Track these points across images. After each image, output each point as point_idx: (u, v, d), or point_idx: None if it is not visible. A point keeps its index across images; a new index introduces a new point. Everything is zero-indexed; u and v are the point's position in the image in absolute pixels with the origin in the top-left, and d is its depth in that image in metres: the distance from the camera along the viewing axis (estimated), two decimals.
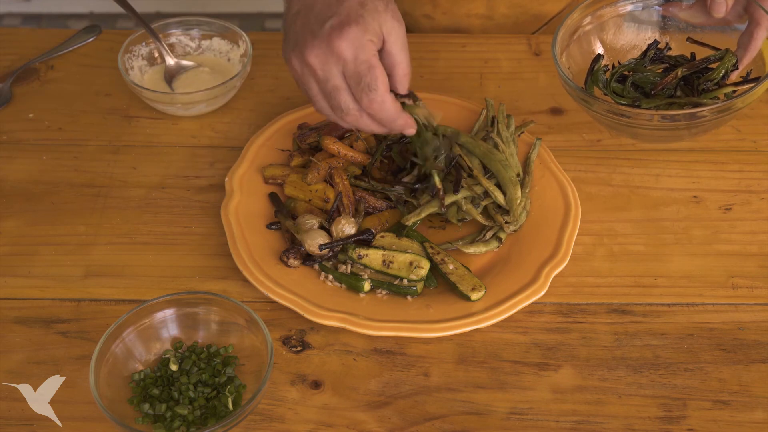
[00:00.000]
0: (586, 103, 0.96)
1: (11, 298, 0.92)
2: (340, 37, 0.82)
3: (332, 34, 0.83)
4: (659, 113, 0.93)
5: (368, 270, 0.92)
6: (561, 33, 1.01)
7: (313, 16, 0.85)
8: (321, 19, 0.84)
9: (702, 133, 0.99)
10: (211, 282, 0.93)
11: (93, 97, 1.14)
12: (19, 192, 1.02)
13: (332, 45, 0.83)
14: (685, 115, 0.92)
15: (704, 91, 0.96)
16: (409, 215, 0.95)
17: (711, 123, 0.93)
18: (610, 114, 0.94)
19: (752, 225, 0.98)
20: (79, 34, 1.22)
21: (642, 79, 0.99)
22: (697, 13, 1.00)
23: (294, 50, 0.86)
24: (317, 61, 0.84)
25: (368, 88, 0.83)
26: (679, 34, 1.03)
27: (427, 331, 0.86)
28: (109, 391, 0.81)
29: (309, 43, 0.84)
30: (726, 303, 0.91)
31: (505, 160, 0.97)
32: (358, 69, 0.83)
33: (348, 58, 0.83)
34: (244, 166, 1.01)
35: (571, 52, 1.03)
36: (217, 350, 0.85)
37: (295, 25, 0.86)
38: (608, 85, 1.01)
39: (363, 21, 0.83)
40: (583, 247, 0.96)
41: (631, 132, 0.98)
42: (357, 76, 0.83)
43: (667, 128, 0.94)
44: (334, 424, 0.82)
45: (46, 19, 2.71)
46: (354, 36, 0.82)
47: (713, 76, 0.96)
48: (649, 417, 0.82)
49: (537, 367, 0.86)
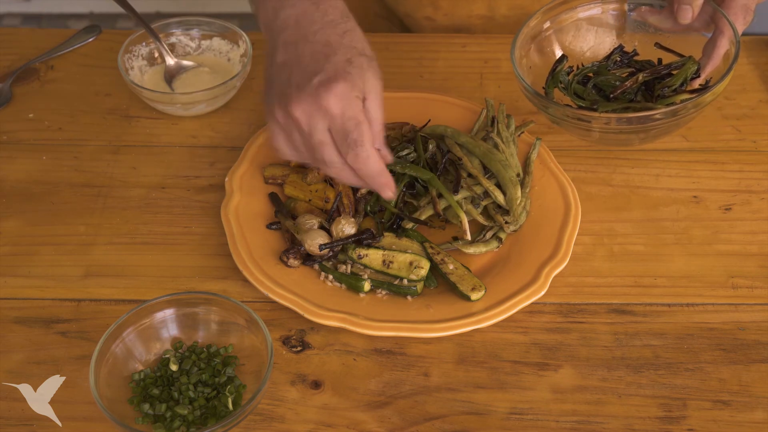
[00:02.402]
0: (542, 104, 0.96)
1: (11, 298, 0.92)
2: (328, 93, 0.82)
3: (320, 89, 0.82)
4: (607, 116, 0.93)
5: (368, 270, 0.92)
6: (521, 38, 1.01)
7: (300, 70, 0.84)
8: (308, 73, 0.84)
9: (652, 139, 0.99)
10: (211, 282, 0.93)
11: (93, 97, 1.14)
12: (19, 192, 1.02)
13: (320, 100, 0.82)
14: (637, 118, 0.92)
15: (660, 96, 0.96)
16: (408, 219, 0.95)
17: (662, 129, 0.94)
18: (566, 117, 0.94)
19: (752, 225, 0.98)
20: (79, 34, 1.22)
21: (604, 81, 0.99)
22: (665, 19, 1.00)
23: (279, 102, 0.85)
24: (303, 116, 0.84)
25: (355, 143, 0.83)
26: (648, 38, 1.03)
27: (427, 331, 0.86)
28: (109, 391, 0.81)
29: (295, 97, 0.83)
30: (726, 303, 0.91)
31: (505, 160, 0.97)
32: (345, 125, 0.83)
33: (336, 113, 0.83)
34: (244, 166, 1.01)
35: (531, 57, 1.03)
36: (217, 350, 0.85)
37: (281, 76, 0.86)
38: (570, 87, 1.01)
39: (350, 77, 0.83)
40: (583, 247, 0.96)
41: (585, 134, 0.98)
42: (344, 131, 0.83)
43: (623, 131, 0.94)
44: (334, 424, 0.82)
45: (46, 19, 2.71)
46: (342, 92, 0.82)
47: (671, 83, 0.96)
48: (649, 417, 0.82)
49: (537, 367, 0.86)
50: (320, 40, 0.85)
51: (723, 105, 1.12)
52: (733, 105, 1.12)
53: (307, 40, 0.86)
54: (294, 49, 0.86)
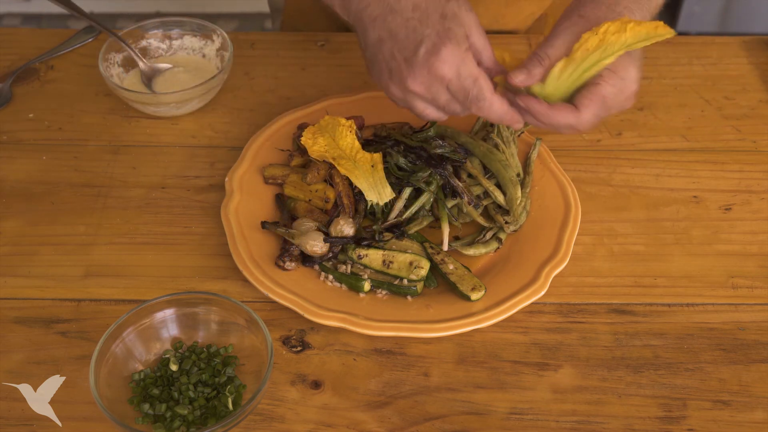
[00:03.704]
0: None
1: (11, 298, 0.92)
2: (439, 60, 0.82)
3: (430, 59, 0.83)
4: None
5: (368, 270, 0.92)
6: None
7: (400, 44, 0.84)
8: (410, 45, 0.84)
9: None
10: (211, 282, 0.93)
11: (93, 97, 1.14)
12: (19, 192, 1.02)
13: (434, 70, 0.83)
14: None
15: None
16: (411, 224, 0.95)
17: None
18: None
19: (752, 225, 0.98)
20: (79, 34, 1.22)
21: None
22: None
23: (392, 79, 0.86)
24: (422, 88, 0.84)
25: (476, 99, 0.84)
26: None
27: (427, 331, 0.86)
28: (109, 391, 0.81)
29: (408, 72, 0.84)
30: (726, 303, 0.91)
31: (505, 160, 0.97)
32: (463, 85, 0.83)
33: (451, 77, 0.83)
34: (244, 166, 1.01)
35: None
36: (217, 350, 0.85)
37: (382, 53, 0.86)
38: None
39: (452, 34, 0.83)
40: (583, 247, 0.96)
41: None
42: (463, 91, 0.84)
43: None
44: (334, 424, 0.82)
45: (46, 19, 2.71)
46: (450, 54, 0.82)
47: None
48: (649, 417, 0.82)
49: (537, 367, 0.86)
50: (406, 7, 0.85)
51: (723, 105, 1.12)
52: (733, 105, 1.13)
53: (394, 11, 0.85)
54: (383, 23, 0.85)
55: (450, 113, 0.88)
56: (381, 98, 1.09)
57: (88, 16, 1.15)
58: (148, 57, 1.16)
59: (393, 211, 0.95)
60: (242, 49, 1.20)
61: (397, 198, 0.95)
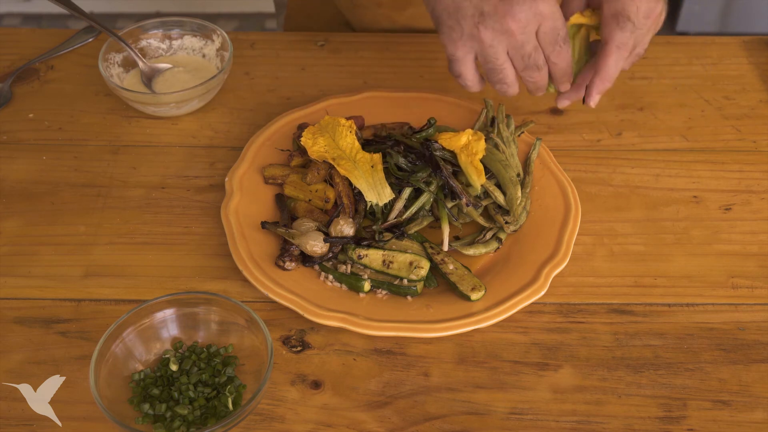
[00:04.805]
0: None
1: (11, 298, 0.92)
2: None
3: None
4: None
5: (368, 270, 0.92)
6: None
7: None
8: None
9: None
10: (211, 282, 0.93)
11: (93, 97, 1.14)
12: (19, 192, 1.02)
13: (534, 6, 0.83)
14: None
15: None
16: (411, 224, 0.95)
17: None
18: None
19: (752, 225, 0.98)
20: (79, 34, 1.22)
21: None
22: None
23: (483, 23, 0.84)
24: (519, 26, 0.84)
25: (563, 41, 0.85)
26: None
27: (427, 331, 0.86)
28: (109, 391, 0.81)
29: (507, 8, 0.83)
30: (726, 303, 0.91)
31: (505, 160, 0.97)
32: (555, 24, 0.84)
33: (547, 14, 0.83)
34: (244, 166, 1.01)
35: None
36: (217, 350, 0.85)
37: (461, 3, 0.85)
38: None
39: None
40: (583, 247, 0.96)
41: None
42: (554, 31, 0.84)
43: None
44: (334, 424, 0.82)
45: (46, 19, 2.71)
46: None
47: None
48: (649, 417, 0.82)
49: (537, 367, 0.86)
50: None
51: (723, 105, 1.12)
52: (733, 105, 1.13)
53: None
54: None
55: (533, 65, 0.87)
56: (381, 98, 1.09)
57: (88, 16, 1.15)
58: (148, 57, 1.16)
59: (393, 212, 0.95)
60: (242, 49, 1.20)
61: (396, 198, 0.95)
